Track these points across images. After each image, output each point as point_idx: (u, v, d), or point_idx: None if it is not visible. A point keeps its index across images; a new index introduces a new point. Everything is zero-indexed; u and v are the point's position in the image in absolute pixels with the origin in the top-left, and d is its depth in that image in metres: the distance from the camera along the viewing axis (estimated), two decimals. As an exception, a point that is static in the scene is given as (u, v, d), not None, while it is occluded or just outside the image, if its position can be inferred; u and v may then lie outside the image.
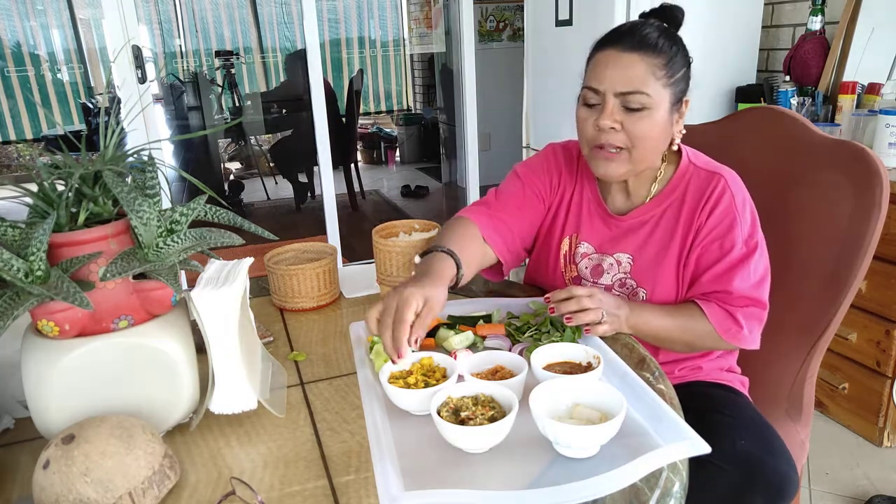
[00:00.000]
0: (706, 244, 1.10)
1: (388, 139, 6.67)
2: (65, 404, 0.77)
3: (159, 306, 0.81)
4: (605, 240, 1.19)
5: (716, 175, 1.11)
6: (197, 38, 6.41)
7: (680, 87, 1.07)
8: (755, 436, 1.06)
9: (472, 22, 3.35)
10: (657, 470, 0.74)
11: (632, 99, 1.03)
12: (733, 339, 1.08)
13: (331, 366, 1.04)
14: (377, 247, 1.20)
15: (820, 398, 2.17)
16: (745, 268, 1.07)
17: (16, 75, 5.87)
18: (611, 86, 1.03)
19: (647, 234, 1.15)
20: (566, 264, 1.23)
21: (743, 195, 1.11)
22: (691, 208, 1.11)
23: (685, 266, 1.13)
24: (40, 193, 0.79)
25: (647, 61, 1.02)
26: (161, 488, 0.71)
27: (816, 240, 1.23)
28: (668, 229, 1.13)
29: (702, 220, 1.10)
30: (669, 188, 1.14)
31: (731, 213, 1.08)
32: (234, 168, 6.25)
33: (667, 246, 1.13)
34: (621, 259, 1.17)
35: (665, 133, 1.08)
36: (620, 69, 1.03)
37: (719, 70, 2.50)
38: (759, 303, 1.09)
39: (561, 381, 0.84)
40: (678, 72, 1.05)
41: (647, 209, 1.15)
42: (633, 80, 1.02)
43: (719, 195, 1.08)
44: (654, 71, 1.02)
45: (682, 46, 1.07)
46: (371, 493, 0.73)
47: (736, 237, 1.07)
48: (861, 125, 2.10)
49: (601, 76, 1.05)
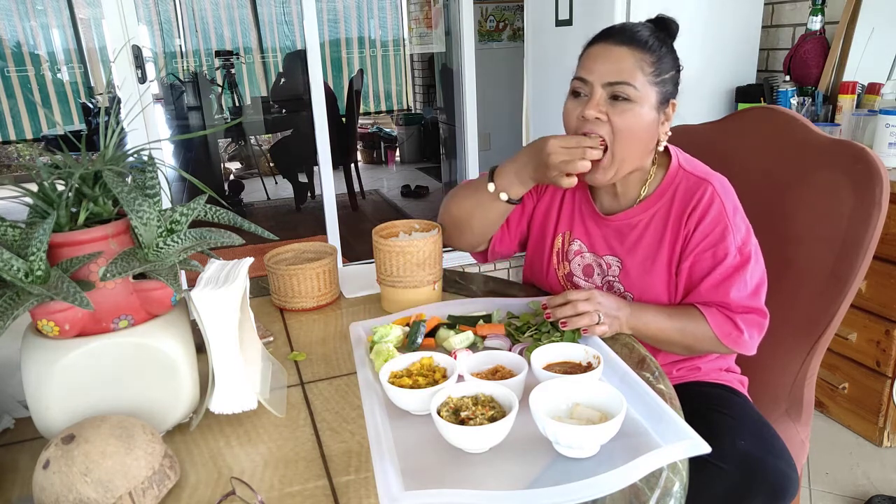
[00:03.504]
0: (698, 253, 1.09)
1: (388, 139, 6.67)
2: (65, 404, 0.77)
3: (159, 306, 0.81)
4: (596, 239, 1.19)
5: (704, 182, 1.09)
6: (197, 38, 6.41)
7: (667, 89, 1.07)
8: (755, 436, 1.06)
9: (472, 22, 3.35)
10: (657, 470, 0.74)
11: (619, 90, 1.04)
12: (733, 343, 1.08)
13: (331, 366, 1.04)
14: (377, 247, 1.20)
15: (820, 398, 2.17)
16: (740, 277, 1.06)
17: (16, 75, 5.87)
18: (599, 77, 1.05)
19: (636, 239, 1.15)
20: (559, 261, 1.24)
21: (733, 202, 1.10)
22: (678, 215, 1.10)
23: (677, 275, 1.12)
24: (40, 193, 0.79)
25: (636, 56, 1.04)
26: (161, 488, 0.71)
27: (816, 240, 1.23)
28: (657, 236, 1.13)
29: (690, 227, 1.09)
30: (658, 192, 1.14)
31: (722, 222, 1.07)
32: (234, 168, 6.25)
33: (655, 253, 1.13)
34: (611, 263, 1.17)
35: (649, 132, 1.08)
36: (610, 62, 1.05)
37: (719, 70, 2.50)
38: (759, 311, 1.09)
39: (561, 381, 0.84)
40: (666, 73, 1.06)
41: (636, 212, 1.15)
42: (622, 71, 1.03)
43: (708, 203, 1.08)
44: (643, 66, 1.04)
45: (672, 50, 1.09)
46: (371, 493, 0.73)
47: (729, 246, 1.07)
48: (861, 125, 2.10)
49: (591, 67, 1.06)
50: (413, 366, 0.93)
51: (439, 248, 1.21)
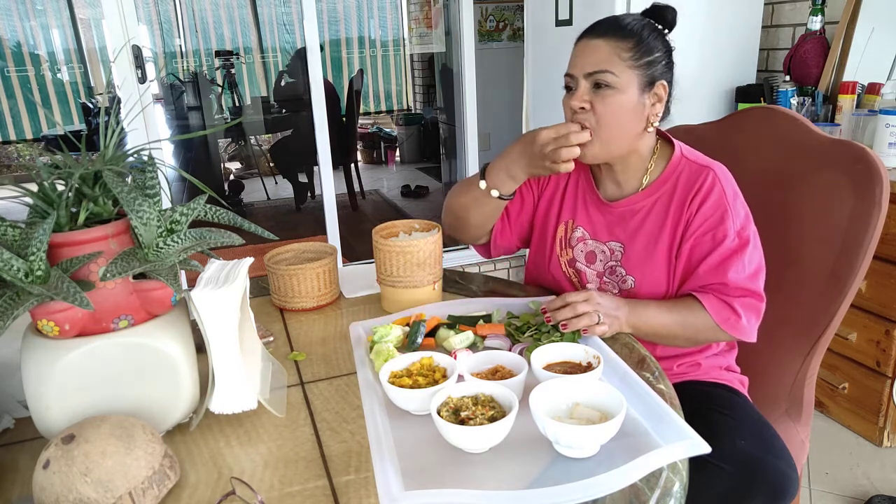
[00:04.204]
0: (698, 236, 1.11)
1: (388, 139, 6.67)
2: (65, 404, 0.77)
3: (159, 306, 0.81)
4: (599, 226, 1.22)
5: (706, 168, 1.13)
6: (197, 38, 6.41)
7: (650, 71, 1.10)
8: (755, 435, 1.06)
9: (472, 22, 3.35)
10: (657, 470, 0.74)
11: (599, 78, 1.08)
12: (732, 328, 1.08)
13: (331, 366, 1.04)
14: (377, 247, 1.20)
15: (820, 398, 2.17)
16: (739, 259, 1.08)
17: (16, 75, 5.87)
18: (581, 69, 1.10)
19: (638, 224, 1.18)
20: (562, 248, 1.26)
21: (734, 188, 1.13)
22: (681, 200, 1.13)
23: (677, 258, 1.14)
24: (40, 193, 0.79)
25: (611, 44, 1.09)
26: (161, 488, 0.71)
27: (816, 240, 1.23)
28: (659, 220, 1.16)
29: (692, 211, 1.12)
30: (661, 180, 1.17)
31: (721, 205, 1.10)
32: (234, 168, 6.25)
33: (657, 236, 1.15)
34: (614, 248, 1.20)
35: (635, 115, 1.11)
36: (587, 54, 1.11)
37: (719, 70, 2.50)
38: (756, 294, 1.10)
39: (561, 381, 0.84)
40: (647, 56, 1.09)
41: (639, 198, 1.18)
42: (600, 61, 1.09)
43: (709, 188, 1.11)
44: (619, 52, 1.08)
45: (658, 34, 1.12)
46: (371, 493, 0.73)
47: (728, 228, 1.09)
48: (861, 125, 2.10)
49: (574, 62, 1.12)
50: (413, 366, 0.93)
51: (439, 248, 1.21)
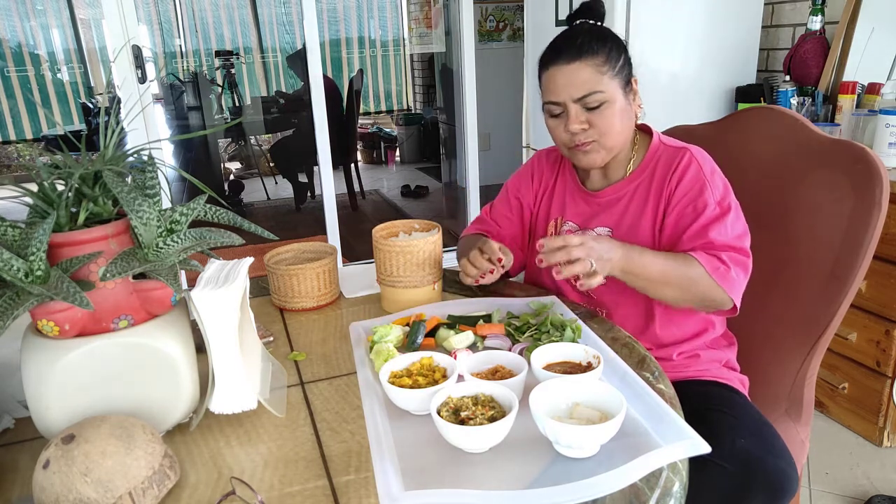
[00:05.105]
0: (680, 208, 1.15)
1: (388, 139, 6.67)
2: (65, 404, 0.77)
3: (159, 306, 0.81)
4: (586, 216, 1.28)
5: (682, 149, 1.18)
6: (197, 38, 6.41)
7: (625, 73, 1.16)
8: (755, 435, 1.06)
9: (472, 22, 3.35)
10: (657, 470, 0.74)
11: (590, 100, 1.13)
12: (722, 279, 1.07)
13: (331, 366, 1.04)
14: (377, 247, 1.20)
15: (820, 398, 2.17)
16: (721, 224, 1.11)
17: (16, 75, 5.87)
18: (568, 95, 1.14)
19: (623, 208, 1.23)
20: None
21: (711, 165, 1.17)
22: (661, 179, 1.18)
23: (661, 231, 1.18)
24: (40, 193, 0.79)
25: (589, 64, 1.12)
26: (161, 488, 0.71)
27: (816, 239, 1.23)
28: (641, 201, 1.21)
29: (671, 188, 1.17)
30: (642, 166, 1.23)
31: (700, 179, 1.14)
32: (234, 168, 6.25)
33: (640, 216, 1.20)
34: (601, 233, 1.24)
35: (627, 116, 1.17)
36: (570, 79, 1.13)
37: (719, 70, 2.50)
38: (742, 250, 1.10)
39: (561, 381, 0.84)
40: (618, 61, 1.15)
41: (622, 186, 1.23)
42: (585, 83, 1.12)
43: (686, 165, 1.16)
44: (599, 69, 1.12)
45: (611, 38, 1.16)
46: (371, 493, 0.73)
47: (708, 198, 1.13)
48: (861, 125, 2.10)
49: (557, 90, 1.15)
50: (413, 366, 0.93)
51: (439, 248, 1.21)
